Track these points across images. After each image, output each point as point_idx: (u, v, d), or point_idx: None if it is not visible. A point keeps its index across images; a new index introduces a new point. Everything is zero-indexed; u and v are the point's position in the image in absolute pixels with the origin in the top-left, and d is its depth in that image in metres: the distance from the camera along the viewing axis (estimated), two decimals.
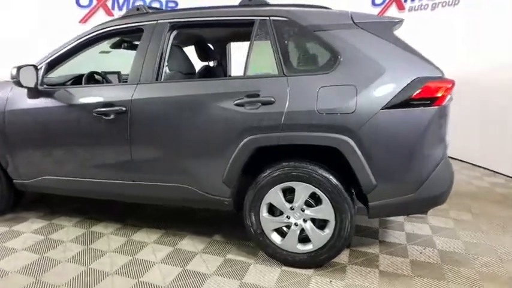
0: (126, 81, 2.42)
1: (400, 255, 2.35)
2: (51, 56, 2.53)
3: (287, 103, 2.01)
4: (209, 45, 3.29)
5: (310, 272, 2.16)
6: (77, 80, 2.84)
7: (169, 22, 2.33)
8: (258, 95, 2.06)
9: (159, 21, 2.35)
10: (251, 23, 2.22)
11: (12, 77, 2.30)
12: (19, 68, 2.29)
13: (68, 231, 2.68)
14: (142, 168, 2.35)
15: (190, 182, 2.28)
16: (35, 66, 2.38)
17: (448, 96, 1.95)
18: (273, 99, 2.03)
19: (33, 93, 2.47)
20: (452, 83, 1.93)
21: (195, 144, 2.21)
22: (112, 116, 2.29)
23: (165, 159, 2.29)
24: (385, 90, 1.92)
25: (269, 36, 2.15)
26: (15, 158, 2.61)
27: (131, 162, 2.34)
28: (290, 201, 2.13)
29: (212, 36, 3.20)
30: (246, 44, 2.25)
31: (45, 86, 2.51)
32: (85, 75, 2.84)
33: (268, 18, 2.18)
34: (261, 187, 2.13)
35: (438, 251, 2.41)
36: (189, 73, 2.63)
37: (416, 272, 2.16)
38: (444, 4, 4.40)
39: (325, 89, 1.98)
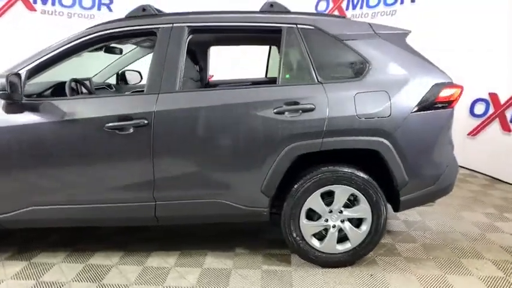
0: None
1: (410, 241, 2.63)
2: (34, 62, 2.09)
3: (328, 109, 2.06)
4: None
5: (348, 269, 2.26)
6: (56, 89, 2.40)
7: (187, 26, 2.16)
8: (298, 103, 2.06)
9: (174, 25, 2.15)
10: (278, 30, 2.20)
11: (1, 89, 1.84)
12: (9, 77, 1.84)
13: (62, 268, 2.25)
14: (168, 186, 2.12)
15: (224, 196, 2.15)
16: (18, 74, 1.94)
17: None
18: (313, 106, 2.06)
19: (15, 106, 2.00)
20: (462, 87, 2.24)
21: (232, 156, 2.09)
22: (130, 131, 2.02)
23: (196, 174, 2.11)
24: (412, 95, 2.12)
25: (299, 44, 2.16)
26: None
27: (153, 180, 2.09)
28: (328, 204, 2.20)
29: (225, 41, 3.07)
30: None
31: (24, 97, 2.06)
32: (67, 83, 2.41)
33: (295, 25, 2.19)
34: (303, 193, 2.14)
35: (436, 232, 2.76)
36: (198, 80, 2.47)
37: (430, 253, 2.45)
38: (383, 14, 4.98)
39: (360, 95, 2.09)
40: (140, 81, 3.72)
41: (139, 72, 3.75)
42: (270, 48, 3.61)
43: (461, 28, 4.24)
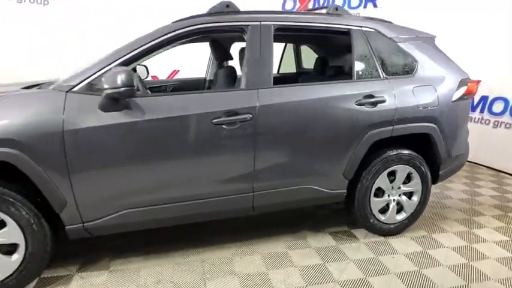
0: None
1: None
2: (125, 55, 1.96)
3: (396, 101, 2.42)
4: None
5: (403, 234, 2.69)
6: None
7: (273, 24, 2.27)
8: (373, 96, 2.38)
9: (262, 23, 2.24)
10: (346, 32, 2.47)
11: (124, 85, 1.71)
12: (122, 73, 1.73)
13: (139, 273, 2.18)
14: (266, 176, 2.22)
15: (314, 182, 2.36)
16: (134, 70, 1.83)
17: None
18: (384, 98, 2.40)
19: (115, 104, 1.87)
20: (480, 81, 2.82)
21: (322, 144, 2.30)
22: (237, 126, 2.07)
23: (291, 163, 2.26)
24: (449, 88, 2.62)
25: (365, 44, 2.47)
26: (81, 194, 1.89)
27: (253, 172, 2.18)
28: (390, 182, 2.58)
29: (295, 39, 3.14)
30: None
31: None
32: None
33: (360, 28, 2.49)
34: (374, 173, 2.48)
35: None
36: None
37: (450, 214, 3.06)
38: None
39: (417, 88, 2.51)
40: (147, 76, 3.56)
41: (146, 67, 3.58)
42: (286, 45, 3.82)
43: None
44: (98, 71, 1.92)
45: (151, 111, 1.94)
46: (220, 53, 3.18)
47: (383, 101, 2.39)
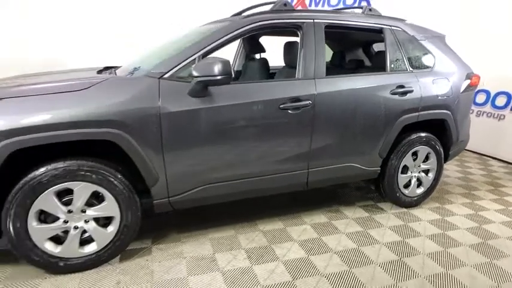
0: None
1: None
2: (204, 49, 2.18)
3: (421, 91, 2.83)
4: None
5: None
6: None
7: (323, 22, 2.57)
8: (404, 86, 2.76)
9: (315, 21, 2.54)
10: (379, 30, 2.83)
11: (221, 73, 1.94)
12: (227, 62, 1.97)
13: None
14: (319, 155, 2.54)
15: (356, 160, 2.71)
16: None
17: None
18: (412, 88, 2.80)
19: (203, 90, 2.09)
20: (480, 76, 3.31)
21: (364, 128, 2.65)
22: (299, 110, 2.37)
23: (339, 144, 2.59)
24: (459, 80, 3.08)
25: (395, 41, 2.85)
26: (170, 171, 2.11)
27: (309, 151, 2.49)
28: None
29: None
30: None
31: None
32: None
33: (390, 27, 2.87)
34: (402, 153, 2.88)
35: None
36: None
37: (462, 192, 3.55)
38: None
39: (436, 80, 2.93)
40: None
41: None
42: None
43: None
44: (183, 61, 2.13)
45: (231, 97, 2.19)
46: (253, 46, 3.43)
47: (411, 91, 2.79)
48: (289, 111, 2.34)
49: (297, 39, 2.56)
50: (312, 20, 2.53)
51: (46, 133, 1.78)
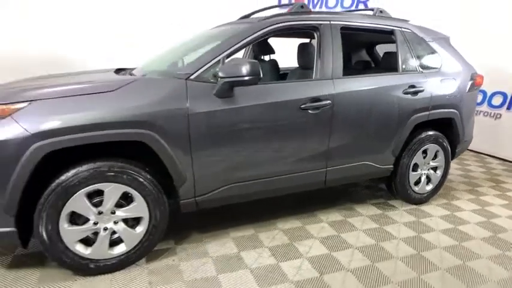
0: None
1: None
2: (228, 49, 2.22)
3: (431, 91, 2.93)
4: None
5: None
6: None
7: (339, 24, 2.64)
8: (415, 86, 2.85)
9: (331, 22, 2.60)
10: (391, 32, 2.91)
11: (249, 74, 1.98)
12: (256, 63, 2.00)
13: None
14: (336, 154, 2.60)
15: (370, 159, 2.79)
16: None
17: None
18: (422, 88, 2.89)
19: (229, 91, 2.13)
20: (483, 76, 3.44)
21: (379, 126, 2.73)
22: (319, 110, 2.42)
23: (356, 143, 2.66)
24: (464, 80, 3.19)
25: (405, 42, 2.94)
26: (198, 171, 2.13)
27: (327, 150, 2.55)
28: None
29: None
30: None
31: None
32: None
33: (400, 28, 2.96)
34: (413, 151, 2.97)
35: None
36: None
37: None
38: None
39: (443, 80, 3.04)
40: None
41: None
42: (310, 41, 4.18)
43: None
44: (208, 62, 2.16)
45: (254, 97, 2.23)
46: (263, 48, 3.47)
47: (422, 91, 2.88)
48: (309, 111, 2.40)
49: (306, 40, 2.63)
50: (328, 22, 2.60)
51: (81, 134, 1.78)
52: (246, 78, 2.02)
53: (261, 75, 2.05)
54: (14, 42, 4.89)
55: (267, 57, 3.54)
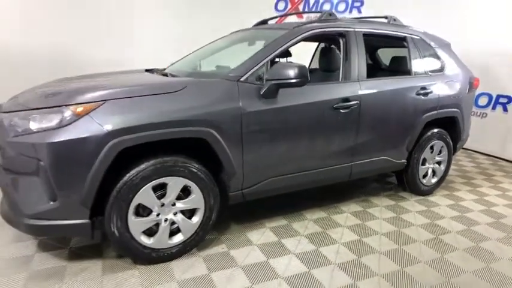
0: None
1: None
2: (270, 55, 2.42)
3: (439, 92, 3.25)
4: None
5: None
6: None
7: (361, 31, 2.89)
8: (425, 88, 3.16)
9: (356, 29, 2.85)
10: (403, 38, 3.21)
11: (297, 77, 2.18)
12: (304, 67, 2.21)
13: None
14: (361, 150, 2.85)
15: (389, 154, 3.07)
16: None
17: None
18: (432, 89, 3.20)
19: (274, 92, 2.32)
20: (479, 78, 3.80)
21: (397, 125, 3.02)
22: (349, 109, 2.67)
23: (378, 139, 2.93)
24: (464, 83, 3.55)
25: (416, 48, 3.25)
26: (247, 165, 2.31)
27: (354, 146, 2.80)
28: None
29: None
30: None
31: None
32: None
33: (411, 35, 3.26)
34: (423, 147, 3.28)
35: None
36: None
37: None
38: None
39: (448, 82, 3.37)
40: None
41: None
42: (319, 45, 4.43)
43: None
44: (255, 65, 2.35)
45: (295, 98, 2.44)
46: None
47: (431, 92, 3.19)
48: (341, 110, 2.64)
49: (322, 44, 2.86)
50: (353, 29, 2.85)
51: (152, 131, 1.93)
52: (294, 80, 2.23)
53: (309, 78, 2.26)
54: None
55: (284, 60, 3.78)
